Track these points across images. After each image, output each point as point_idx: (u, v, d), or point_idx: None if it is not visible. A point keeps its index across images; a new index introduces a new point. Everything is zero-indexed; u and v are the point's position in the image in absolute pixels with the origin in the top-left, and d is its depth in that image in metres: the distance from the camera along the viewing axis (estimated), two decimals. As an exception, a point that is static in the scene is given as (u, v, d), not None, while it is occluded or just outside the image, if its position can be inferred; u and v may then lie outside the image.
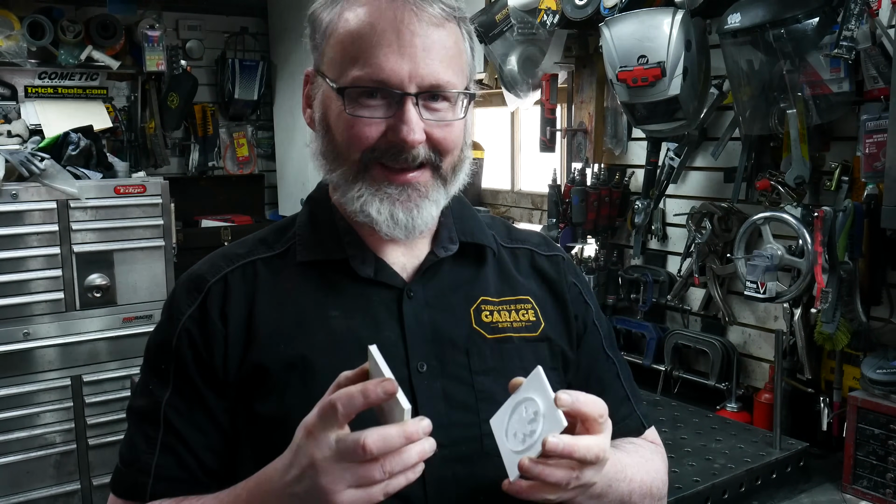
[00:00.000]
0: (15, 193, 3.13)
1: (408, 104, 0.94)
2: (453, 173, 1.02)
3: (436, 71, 0.94)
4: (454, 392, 0.98)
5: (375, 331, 1.00)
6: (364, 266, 1.02)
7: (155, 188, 3.46)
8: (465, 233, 1.08)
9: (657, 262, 2.64)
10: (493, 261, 1.10)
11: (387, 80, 0.93)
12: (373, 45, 0.93)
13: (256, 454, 0.95)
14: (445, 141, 0.98)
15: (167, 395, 1.00)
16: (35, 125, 3.78)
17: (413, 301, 1.02)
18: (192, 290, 1.02)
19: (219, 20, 4.41)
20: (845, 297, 1.93)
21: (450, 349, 1.01)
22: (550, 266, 1.14)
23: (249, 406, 0.98)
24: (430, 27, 0.94)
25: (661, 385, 2.49)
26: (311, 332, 0.99)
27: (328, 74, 0.98)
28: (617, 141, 2.70)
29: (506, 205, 3.83)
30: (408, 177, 0.97)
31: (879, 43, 1.79)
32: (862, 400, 1.82)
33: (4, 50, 3.60)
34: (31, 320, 3.22)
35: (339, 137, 0.98)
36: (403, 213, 0.97)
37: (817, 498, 1.84)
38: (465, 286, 1.06)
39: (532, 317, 1.08)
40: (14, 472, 3.21)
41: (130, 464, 1.00)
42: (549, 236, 1.20)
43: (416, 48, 0.93)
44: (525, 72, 2.80)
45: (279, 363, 0.98)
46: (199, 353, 0.99)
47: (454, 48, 0.97)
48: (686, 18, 2.08)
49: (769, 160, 2.20)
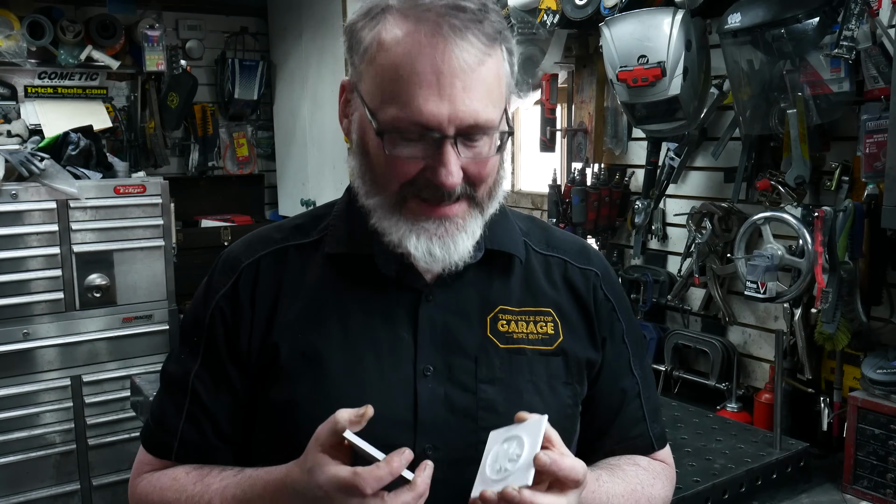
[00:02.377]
0: (15, 193, 3.13)
1: (446, 146, 0.92)
2: (489, 198, 1.02)
3: (475, 111, 0.92)
4: (456, 398, 0.99)
5: (390, 329, 1.02)
6: (388, 265, 1.03)
7: (155, 188, 3.46)
8: (493, 240, 1.07)
9: (657, 262, 2.64)
10: (520, 269, 1.09)
11: (426, 123, 0.91)
12: (412, 85, 0.91)
13: (269, 437, 1.03)
14: (481, 175, 0.98)
15: (196, 366, 1.06)
16: (35, 125, 3.78)
17: (431, 304, 1.03)
18: (228, 270, 1.07)
19: (219, 20, 4.41)
20: (846, 296, 1.93)
21: (459, 355, 1.02)
22: (582, 280, 1.12)
23: (264, 390, 1.03)
24: (471, 61, 0.91)
25: (661, 385, 2.49)
26: (328, 325, 1.02)
27: (367, 101, 0.96)
28: (617, 141, 2.70)
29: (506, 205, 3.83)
30: (445, 210, 0.97)
31: (880, 43, 1.79)
32: (862, 400, 1.82)
33: (4, 50, 3.60)
34: (31, 320, 3.22)
35: (378, 169, 0.97)
36: (441, 248, 0.97)
37: (817, 498, 1.84)
38: (486, 294, 1.06)
39: (551, 330, 1.07)
40: (14, 472, 3.21)
41: (160, 423, 1.08)
42: (590, 247, 1.18)
43: (455, 89, 0.91)
44: (525, 72, 2.79)
45: (293, 352, 1.01)
46: (229, 331, 1.04)
47: (494, 82, 0.95)
48: (686, 18, 2.08)
49: (769, 160, 2.19)
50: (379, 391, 0.99)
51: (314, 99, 4.12)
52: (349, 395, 0.96)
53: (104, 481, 3.41)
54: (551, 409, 0.94)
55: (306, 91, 4.17)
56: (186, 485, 1.03)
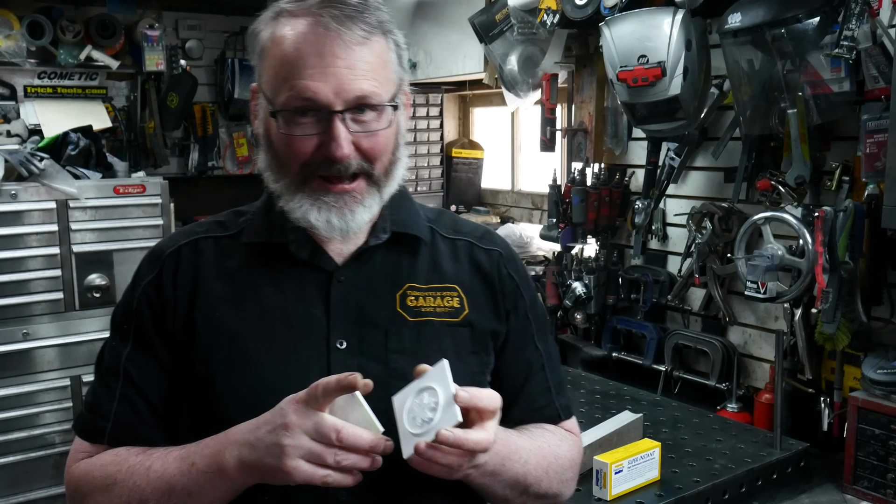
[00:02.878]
0: (14, 193, 3.13)
1: (335, 121, 1.02)
2: (387, 177, 1.11)
3: (359, 86, 1.02)
4: (368, 369, 1.04)
5: (304, 308, 1.10)
6: (301, 250, 1.12)
7: (154, 188, 3.45)
8: (398, 224, 1.16)
9: (657, 262, 2.64)
10: (427, 251, 1.18)
11: (313, 99, 1.01)
12: (299, 67, 1.02)
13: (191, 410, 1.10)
14: (374, 149, 1.06)
15: (127, 350, 1.12)
16: (34, 125, 3.77)
17: (342, 284, 1.12)
18: (154, 261, 1.15)
19: (218, 20, 4.40)
20: (846, 297, 1.93)
21: (370, 329, 1.10)
22: (487, 258, 1.21)
23: (187, 367, 1.10)
24: (352, 46, 1.02)
25: (661, 385, 2.49)
26: (244, 306, 1.10)
27: (267, 93, 1.07)
28: (617, 141, 2.70)
29: (506, 205, 3.83)
30: (344, 186, 1.06)
31: (880, 43, 1.79)
32: (862, 400, 1.82)
33: (4, 50, 3.59)
34: (31, 320, 3.21)
35: (279, 153, 1.07)
36: (338, 218, 1.07)
37: (818, 498, 1.84)
38: (395, 273, 1.15)
39: (456, 303, 1.16)
40: (14, 472, 3.20)
41: (93, 410, 1.13)
42: (495, 232, 1.29)
43: (338, 68, 1.01)
44: (525, 71, 2.80)
45: (212, 331, 1.09)
46: (156, 313, 1.11)
47: (378, 61, 1.05)
48: (686, 18, 2.08)
49: (769, 160, 2.19)
50: (294, 365, 1.07)
51: (314, 99, 4.11)
52: (266, 370, 1.07)
53: (104, 481, 3.41)
54: (460, 376, 0.98)
55: (306, 91, 4.16)
56: (128, 456, 1.08)
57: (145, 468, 1.05)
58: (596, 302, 2.67)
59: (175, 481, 1.02)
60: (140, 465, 1.05)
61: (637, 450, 1.71)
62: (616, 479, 1.66)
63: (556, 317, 2.77)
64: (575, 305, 2.68)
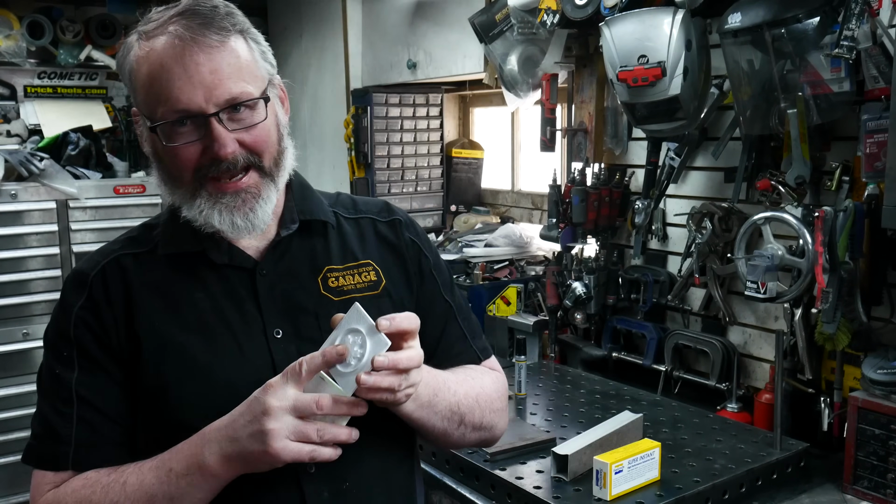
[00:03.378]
0: (14, 193, 3.13)
1: (213, 123, 1.07)
2: (277, 167, 1.16)
3: (227, 88, 1.07)
4: (307, 351, 1.08)
5: (236, 306, 1.16)
6: (219, 254, 1.17)
7: (154, 188, 3.45)
8: (304, 212, 1.24)
9: (657, 262, 2.63)
10: (335, 234, 1.26)
11: (186, 108, 1.07)
12: (166, 82, 1.06)
13: (146, 421, 1.13)
14: (256, 142, 1.12)
15: (75, 375, 1.13)
16: (34, 125, 3.78)
17: (266, 277, 1.18)
18: (79, 286, 1.17)
19: (218, 20, 4.41)
20: (846, 297, 1.93)
21: (301, 315, 1.18)
22: (389, 230, 1.30)
23: (136, 379, 1.13)
24: (211, 51, 1.07)
25: (661, 385, 2.49)
26: (181, 313, 1.15)
27: (144, 113, 1.12)
28: (617, 141, 2.69)
29: (506, 205, 3.83)
30: (238, 183, 1.11)
31: (880, 42, 1.79)
32: (863, 400, 1.81)
33: (4, 49, 3.59)
34: (31, 320, 3.22)
35: (169, 166, 1.13)
36: (241, 218, 1.12)
37: (818, 498, 1.84)
38: (312, 259, 1.22)
39: (374, 277, 1.25)
40: (14, 472, 3.21)
41: (47, 438, 1.13)
42: (391, 203, 1.38)
43: (203, 74, 1.06)
44: (525, 71, 2.79)
45: (154, 343, 1.13)
46: (97, 334, 1.13)
47: (240, 61, 1.10)
48: (686, 18, 2.08)
49: (769, 160, 2.19)
50: (240, 360, 1.13)
51: (314, 99, 4.12)
52: (215, 371, 1.12)
53: (104, 481, 3.41)
54: None
55: (306, 91, 4.17)
56: (100, 477, 1.09)
57: (120, 484, 1.07)
58: (596, 302, 2.67)
59: (154, 490, 1.05)
60: (114, 482, 1.07)
61: (637, 450, 1.71)
62: (616, 479, 1.66)
63: (556, 317, 2.77)
64: (575, 305, 2.68)
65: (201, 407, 1.08)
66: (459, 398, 1.21)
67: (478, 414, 1.25)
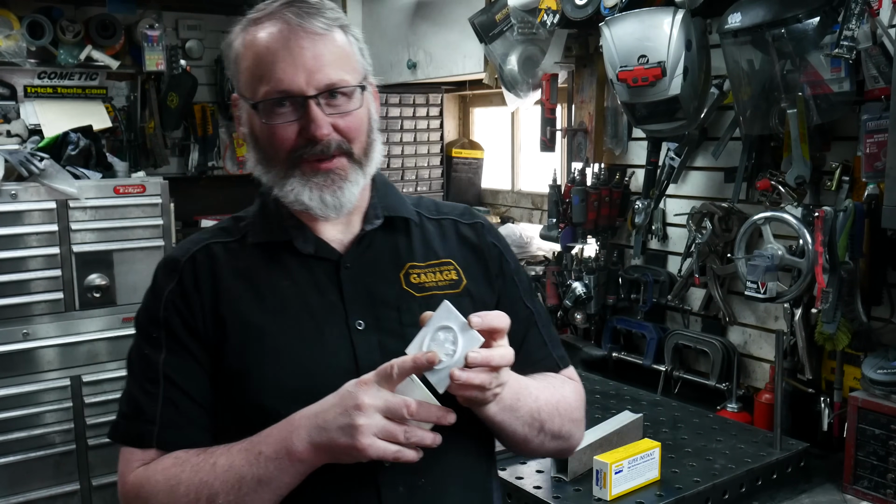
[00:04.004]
0: (14, 193, 3.13)
1: (311, 105, 1.12)
2: (366, 156, 1.20)
3: (327, 73, 1.13)
4: (388, 343, 1.15)
5: (320, 296, 1.18)
6: (305, 244, 1.20)
7: (154, 188, 3.45)
8: (388, 209, 1.26)
9: (657, 262, 2.64)
10: (418, 231, 1.28)
11: (288, 88, 1.12)
12: (271, 63, 1.12)
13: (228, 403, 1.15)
14: (349, 128, 1.16)
15: (163, 356, 1.16)
16: (34, 125, 3.77)
17: (349, 270, 1.21)
18: (170, 272, 1.21)
19: (219, 20, 4.40)
20: (846, 297, 1.93)
21: (383, 308, 1.19)
22: (472, 232, 1.32)
23: (220, 362, 1.16)
24: (315, 38, 1.13)
25: (661, 385, 2.49)
26: (266, 299, 1.17)
27: (245, 95, 1.17)
28: (617, 141, 2.70)
29: (506, 205, 3.83)
30: (328, 165, 1.15)
31: (880, 43, 1.79)
32: (862, 400, 1.82)
33: (4, 50, 3.59)
34: (31, 320, 3.21)
35: (265, 145, 1.17)
36: (330, 195, 1.16)
37: (818, 498, 1.84)
38: (394, 254, 1.24)
39: (454, 276, 1.26)
40: (14, 472, 3.20)
41: (134, 417, 1.16)
42: (473, 208, 1.42)
43: (306, 58, 1.12)
44: (525, 71, 2.80)
45: (240, 325, 1.16)
46: (185, 318, 1.17)
47: (341, 51, 1.16)
48: (686, 18, 2.08)
49: (769, 160, 2.19)
50: (322, 348, 1.15)
51: (314, 99, 4.11)
52: (297, 357, 1.14)
53: (104, 481, 3.40)
54: None
55: (306, 91, 4.16)
56: (189, 457, 1.12)
57: (210, 464, 1.09)
58: (596, 302, 2.67)
59: (244, 472, 1.07)
60: (204, 462, 1.10)
61: (637, 450, 1.71)
62: (616, 479, 1.66)
63: (556, 317, 2.77)
64: (575, 305, 2.68)
65: (281, 391, 1.11)
66: (541, 404, 1.21)
67: (557, 422, 1.24)
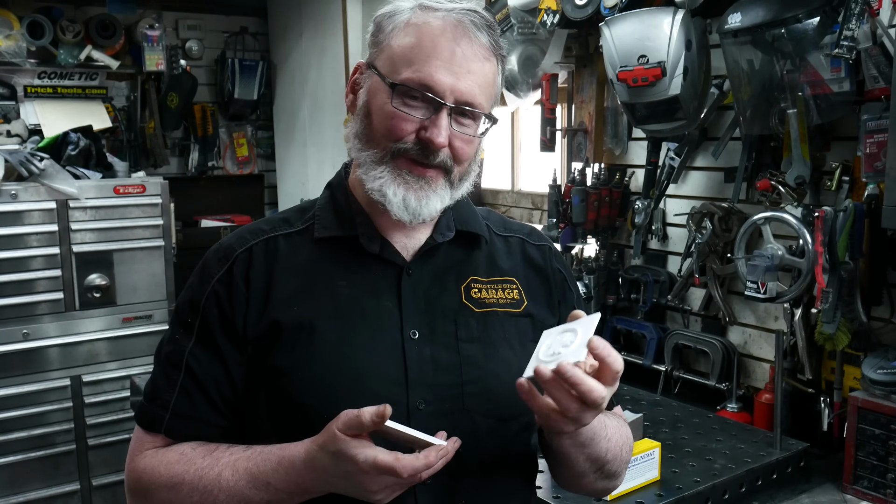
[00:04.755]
0: (14, 193, 3.13)
1: (443, 112, 1.09)
2: (460, 181, 1.17)
3: (473, 92, 1.10)
4: (441, 356, 1.12)
5: (376, 300, 1.15)
6: (371, 244, 1.17)
7: (154, 188, 3.46)
8: (461, 222, 1.23)
9: (657, 262, 2.64)
10: (485, 247, 1.24)
11: (432, 87, 1.08)
12: (429, 56, 1.09)
13: (268, 401, 1.12)
14: (462, 151, 1.13)
15: (191, 344, 1.14)
16: (34, 125, 3.78)
17: (411, 277, 1.17)
18: (222, 258, 1.17)
19: (219, 20, 4.41)
20: (846, 297, 1.93)
21: (440, 320, 1.15)
22: (538, 254, 1.29)
23: (264, 359, 1.12)
24: (480, 55, 1.11)
25: (661, 385, 2.49)
26: (320, 298, 1.14)
27: (382, 70, 1.12)
28: (617, 141, 2.70)
29: (506, 205, 3.83)
30: (426, 171, 1.12)
31: (880, 43, 1.79)
32: (862, 400, 1.82)
33: (4, 50, 3.59)
34: (31, 320, 3.22)
35: (378, 124, 1.12)
36: (415, 200, 1.11)
37: (818, 498, 1.84)
38: (458, 267, 1.21)
39: (516, 295, 1.22)
40: (14, 472, 3.21)
41: (152, 399, 1.16)
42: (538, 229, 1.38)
43: (463, 69, 1.09)
44: (525, 71, 2.79)
45: (291, 322, 1.12)
46: (224, 311, 1.13)
47: (490, 79, 1.14)
48: (686, 18, 2.08)
49: (769, 160, 2.19)
50: (371, 354, 1.11)
51: (314, 99, 4.11)
52: (345, 360, 1.10)
53: (104, 481, 3.41)
54: (524, 362, 1.01)
55: (306, 91, 4.16)
56: (195, 458, 1.10)
57: (215, 475, 1.07)
58: (596, 302, 2.67)
59: (252, 495, 1.06)
60: (209, 469, 1.08)
61: (637, 450, 1.71)
62: (616, 479, 1.65)
63: (556, 317, 2.77)
64: (575, 305, 2.68)
65: (324, 392, 1.08)
66: (610, 446, 1.17)
67: (616, 464, 1.20)
